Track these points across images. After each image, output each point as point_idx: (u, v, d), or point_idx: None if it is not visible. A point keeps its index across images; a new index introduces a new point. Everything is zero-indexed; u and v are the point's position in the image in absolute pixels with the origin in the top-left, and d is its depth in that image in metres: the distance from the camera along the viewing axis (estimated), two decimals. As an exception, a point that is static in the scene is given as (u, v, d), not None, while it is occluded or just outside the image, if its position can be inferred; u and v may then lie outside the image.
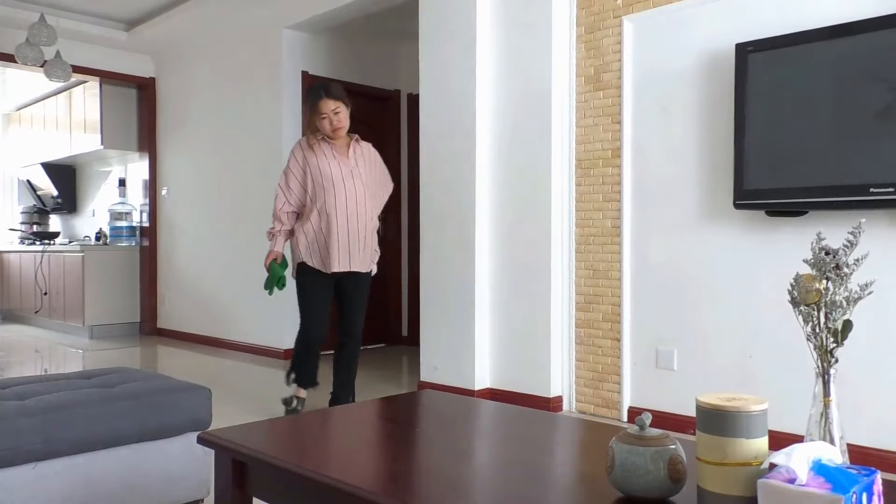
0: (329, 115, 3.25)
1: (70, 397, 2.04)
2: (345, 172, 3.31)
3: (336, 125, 3.27)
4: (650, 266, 3.46)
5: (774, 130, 2.94)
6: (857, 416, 2.74)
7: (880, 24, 2.66)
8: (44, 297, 7.47)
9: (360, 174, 3.36)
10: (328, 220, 3.29)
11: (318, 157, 3.30)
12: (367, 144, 3.49)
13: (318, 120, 3.28)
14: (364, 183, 3.38)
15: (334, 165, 3.30)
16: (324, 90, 3.29)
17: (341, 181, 3.29)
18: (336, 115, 3.26)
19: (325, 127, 3.28)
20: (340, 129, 3.30)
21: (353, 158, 3.37)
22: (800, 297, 1.06)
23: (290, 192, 3.36)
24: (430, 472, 1.29)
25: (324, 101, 3.25)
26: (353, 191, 3.32)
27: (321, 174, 3.28)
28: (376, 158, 3.51)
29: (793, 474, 0.87)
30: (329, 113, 3.25)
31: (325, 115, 3.26)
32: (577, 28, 3.71)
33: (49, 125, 8.06)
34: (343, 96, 3.30)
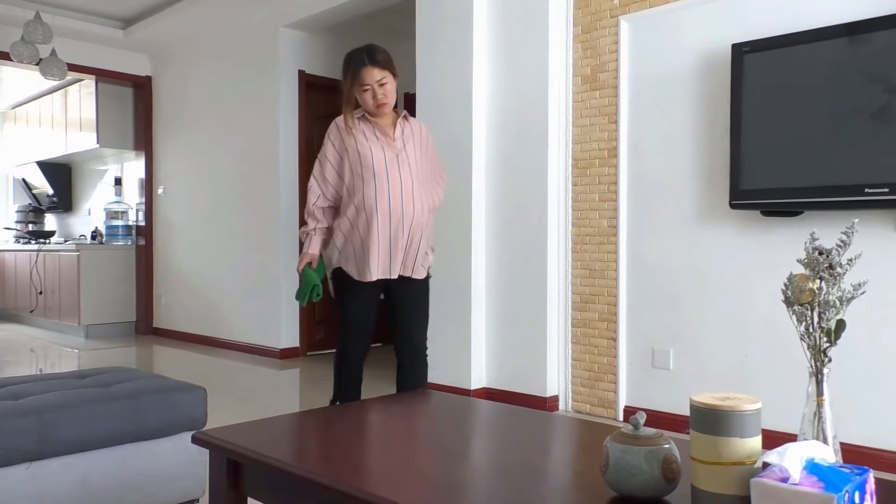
0: (373, 87, 2.59)
1: (65, 397, 2.04)
2: (389, 158, 2.64)
3: (381, 100, 2.61)
4: (646, 265, 3.46)
5: (770, 131, 2.94)
6: (851, 416, 2.75)
7: (876, 26, 2.67)
8: (39, 297, 7.45)
9: (408, 159, 2.68)
10: (367, 218, 2.61)
11: (356, 139, 2.65)
12: (418, 122, 2.82)
13: (358, 92, 2.63)
14: (414, 171, 2.69)
15: (376, 150, 2.64)
16: (367, 55, 2.60)
17: (384, 169, 2.63)
18: (382, 86, 2.60)
19: (368, 101, 2.62)
20: (386, 105, 2.63)
21: (399, 140, 2.68)
22: (793, 297, 1.06)
23: (327, 184, 2.71)
24: (426, 472, 1.29)
25: (367, 70, 2.58)
26: (399, 181, 2.63)
27: (360, 161, 2.62)
28: (429, 140, 2.83)
29: (786, 473, 0.87)
30: (373, 84, 2.59)
31: (367, 86, 2.59)
32: (574, 28, 3.72)
33: (44, 123, 8.04)
34: (390, 64, 2.65)
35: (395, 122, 2.72)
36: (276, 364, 5.43)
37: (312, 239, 2.72)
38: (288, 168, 5.63)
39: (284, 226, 5.62)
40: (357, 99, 2.66)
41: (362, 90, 2.62)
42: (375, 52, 2.63)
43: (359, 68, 2.60)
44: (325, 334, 5.92)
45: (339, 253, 2.71)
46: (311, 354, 5.77)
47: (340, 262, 2.71)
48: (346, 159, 2.67)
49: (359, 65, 2.61)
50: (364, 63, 2.60)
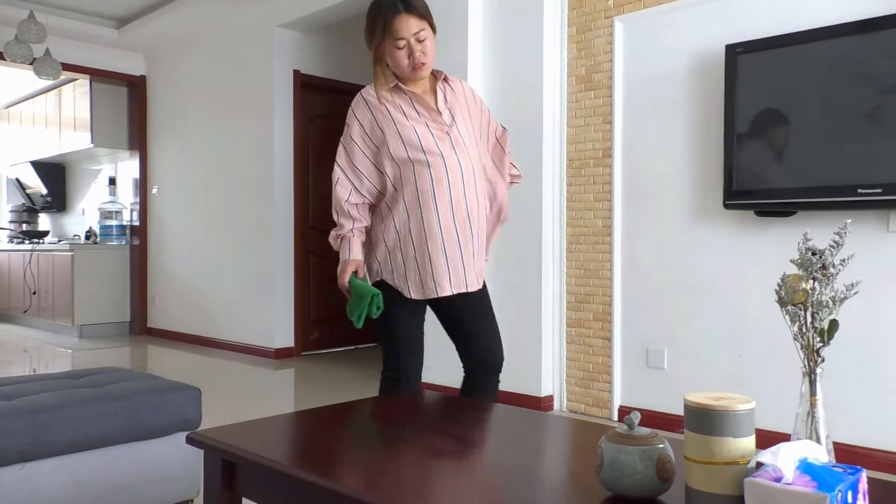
0: (409, 42, 2.01)
1: (59, 397, 2.03)
2: (438, 135, 2.06)
3: (419, 59, 2.02)
4: (641, 266, 3.47)
5: (764, 131, 2.95)
6: (844, 415, 2.77)
7: (869, 27, 2.68)
8: (33, 297, 7.43)
9: (461, 137, 2.10)
10: (425, 219, 2.06)
11: (393, 116, 2.07)
12: (459, 80, 2.22)
13: (389, 51, 2.04)
14: (471, 151, 2.12)
15: (421, 127, 2.06)
16: (402, 3, 2.01)
17: (436, 151, 2.04)
18: (420, 42, 2.02)
19: (402, 62, 2.03)
20: (425, 67, 2.05)
21: (446, 111, 2.10)
22: (787, 297, 1.06)
23: (359, 176, 2.13)
24: (420, 472, 1.29)
25: (402, 19, 1.99)
26: (456, 163, 2.06)
27: (403, 144, 2.05)
28: (476, 101, 2.22)
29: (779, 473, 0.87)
30: (409, 38, 2.00)
31: (402, 40, 2.01)
32: (569, 28, 3.72)
33: (38, 123, 8.01)
34: (429, 14, 2.07)
35: (435, 87, 2.13)
36: (271, 364, 5.42)
37: (351, 242, 2.15)
38: (282, 167, 5.63)
39: (279, 225, 5.62)
40: (387, 60, 2.06)
41: (395, 47, 2.02)
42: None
43: (391, 17, 2.00)
44: (319, 334, 5.92)
45: (379, 265, 2.17)
46: (306, 354, 5.77)
47: (384, 275, 2.16)
48: (382, 144, 2.09)
49: (391, 13, 2.01)
50: (398, 10, 2.00)
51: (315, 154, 5.89)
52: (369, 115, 2.10)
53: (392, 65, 2.06)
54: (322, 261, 5.96)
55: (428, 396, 1.87)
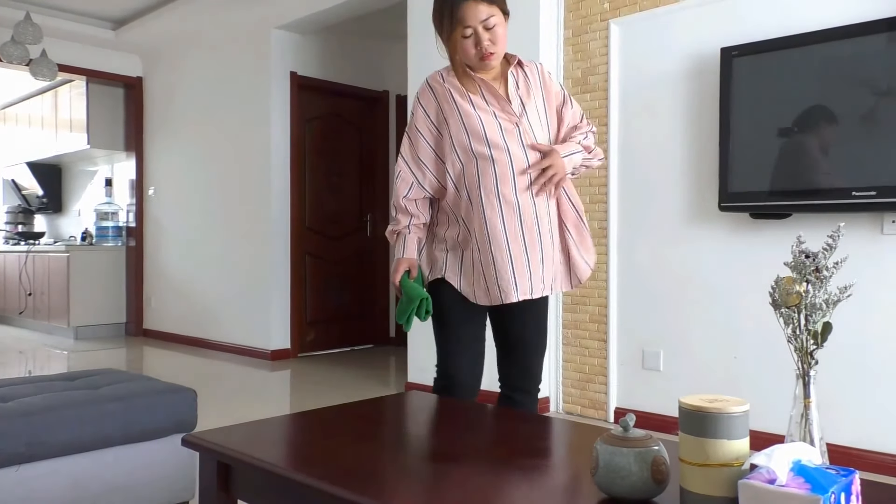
0: (477, 31, 1.88)
1: (54, 399, 2.03)
2: (506, 127, 1.93)
3: (487, 49, 1.89)
4: (637, 267, 3.48)
5: (759, 134, 2.96)
6: (837, 417, 2.77)
7: (863, 30, 2.69)
8: (28, 298, 7.41)
9: (531, 129, 1.96)
10: (488, 218, 1.92)
11: (458, 103, 1.95)
12: (535, 64, 2.07)
13: (457, 40, 1.91)
14: (538, 139, 1.98)
15: (488, 116, 1.94)
16: None
17: (502, 144, 1.92)
18: (489, 30, 1.89)
19: (469, 51, 1.91)
20: (494, 56, 1.92)
21: (516, 100, 1.97)
22: (780, 300, 1.07)
23: (423, 168, 2.01)
24: (415, 474, 1.29)
25: (469, 6, 1.87)
26: (523, 159, 1.93)
27: (467, 134, 1.93)
28: (552, 83, 2.07)
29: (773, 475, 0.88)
30: (477, 27, 1.88)
31: (469, 28, 1.88)
32: (565, 31, 3.73)
33: (34, 124, 8.00)
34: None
35: (506, 73, 1.99)
36: (267, 365, 5.42)
37: (406, 239, 2.02)
38: (279, 169, 5.63)
39: (276, 226, 5.61)
40: (455, 49, 1.94)
41: (462, 36, 1.89)
42: None
43: (457, 4, 1.88)
44: (316, 335, 5.92)
45: (442, 261, 2.02)
46: (303, 356, 5.76)
47: (446, 274, 2.00)
48: (446, 133, 1.96)
49: (456, 0, 1.88)
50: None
51: (312, 155, 5.89)
52: (434, 102, 1.99)
53: (460, 54, 1.93)
54: (318, 262, 5.96)
55: (424, 398, 1.87)
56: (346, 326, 6.13)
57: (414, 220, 2.02)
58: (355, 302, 6.19)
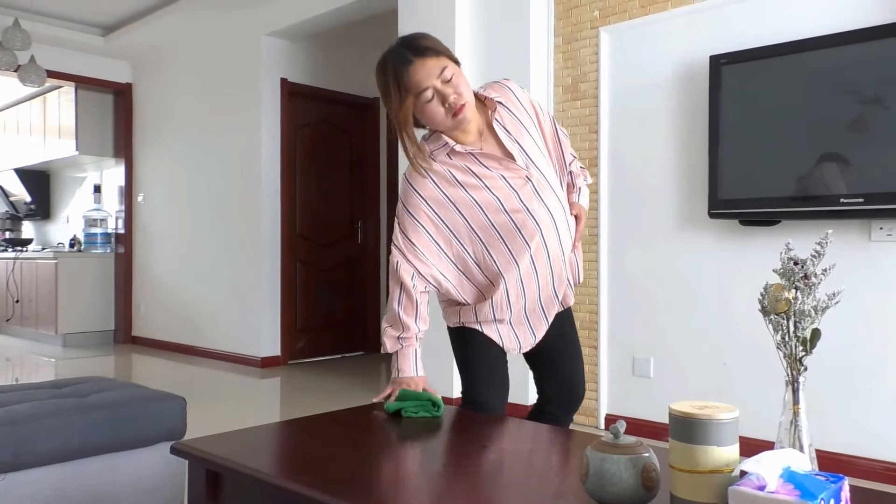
0: (437, 88, 1.65)
1: (41, 407, 2.01)
2: (518, 185, 1.73)
3: (455, 102, 1.66)
4: (627, 274, 3.49)
5: (748, 141, 2.98)
6: (827, 424, 2.79)
7: (851, 39, 2.72)
8: (15, 305, 7.35)
9: (541, 174, 1.76)
10: (517, 286, 1.77)
11: (461, 180, 1.73)
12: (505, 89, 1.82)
13: (419, 109, 1.68)
14: (554, 185, 1.79)
15: (497, 183, 1.73)
16: (408, 47, 1.67)
17: (520, 206, 1.72)
18: (447, 83, 1.66)
19: (437, 115, 1.68)
20: (466, 107, 1.68)
21: (514, 147, 1.75)
22: (769, 307, 1.07)
23: (420, 258, 1.76)
24: (405, 481, 1.28)
25: (416, 68, 1.64)
26: (546, 214, 1.75)
27: (481, 210, 1.73)
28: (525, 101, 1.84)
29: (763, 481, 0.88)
30: (434, 85, 1.65)
31: (427, 90, 1.65)
32: (555, 38, 3.75)
33: (23, 130, 7.95)
34: (442, 48, 1.70)
35: (489, 122, 1.77)
36: (257, 373, 5.39)
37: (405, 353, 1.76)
38: (270, 176, 5.61)
39: (266, 233, 5.60)
40: (419, 119, 1.72)
41: (421, 102, 1.66)
42: (418, 40, 1.68)
43: (402, 71, 1.64)
44: (306, 343, 5.90)
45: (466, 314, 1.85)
46: (293, 363, 5.74)
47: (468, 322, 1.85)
48: (455, 216, 1.74)
49: (401, 65, 1.65)
50: (408, 60, 1.64)
51: (302, 162, 5.88)
52: (430, 184, 1.74)
53: (429, 122, 1.71)
54: (309, 269, 5.94)
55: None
56: (336, 333, 6.11)
57: (409, 332, 1.76)
58: (346, 309, 6.17)
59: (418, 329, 1.76)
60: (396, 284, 1.76)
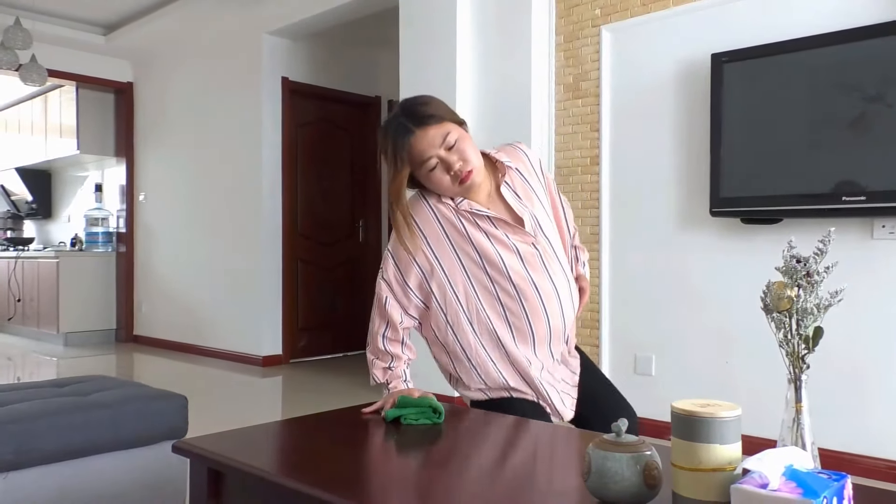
0: (440, 156, 1.61)
1: (42, 406, 2.01)
2: (524, 250, 1.67)
3: (461, 170, 1.61)
4: (628, 273, 3.48)
5: (750, 139, 2.98)
6: (829, 422, 2.78)
7: (853, 36, 2.71)
8: (17, 304, 7.35)
9: (549, 244, 1.71)
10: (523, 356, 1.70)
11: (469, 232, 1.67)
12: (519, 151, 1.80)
13: (423, 177, 1.65)
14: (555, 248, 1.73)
15: (503, 245, 1.66)
16: (408, 117, 1.62)
17: (525, 275, 1.66)
18: (450, 150, 1.61)
19: (443, 183, 1.64)
20: (475, 172, 1.63)
21: (525, 212, 1.70)
22: (772, 304, 1.07)
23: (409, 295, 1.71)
24: (407, 480, 1.28)
25: (417, 138, 1.60)
26: (550, 287, 1.68)
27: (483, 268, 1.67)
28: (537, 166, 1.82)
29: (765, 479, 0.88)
30: (437, 153, 1.61)
31: (431, 160, 1.61)
32: (557, 37, 3.74)
33: (24, 129, 7.95)
34: (447, 111, 1.66)
35: (499, 184, 1.71)
36: (259, 372, 5.40)
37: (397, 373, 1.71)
38: (271, 175, 5.62)
39: (267, 232, 5.60)
40: (426, 185, 1.67)
41: (425, 170, 1.62)
42: (419, 107, 1.63)
43: (404, 142, 1.60)
44: (307, 342, 5.90)
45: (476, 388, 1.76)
46: (294, 362, 5.74)
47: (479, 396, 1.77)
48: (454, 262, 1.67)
49: (400, 136, 1.61)
50: (409, 131, 1.60)
51: (304, 161, 5.88)
52: (435, 224, 1.67)
53: (436, 189, 1.65)
54: (310, 268, 5.94)
55: (416, 404, 1.86)
56: (338, 332, 6.11)
57: (398, 361, 1.72)
58: (347, 308, 6.17)
59: (406, 357, 1.72)
60: (382, 319, 1.71)
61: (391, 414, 1.55)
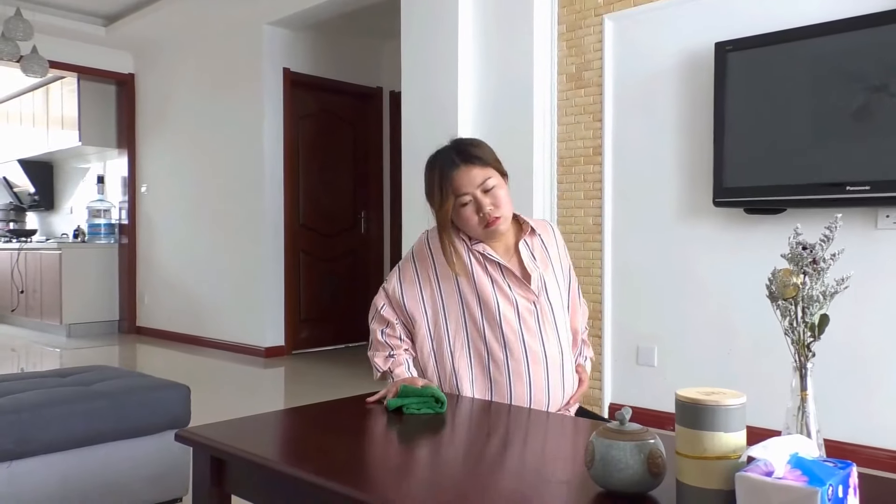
0: (476, 196, 1.69)
1: (45, 396, 2.01)
2: (523, 307, 1.71)
3: (490, 214, 1.68)
4: (631, 263, 3.48)
5: (753, 129, 2.96)
6: (833, 412, 2.78)
7: (857, 24, 2.70)
8: (20, 296, 7.37)
9: (551, 308, 1.74)
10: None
11: (475, 274, 1.72)
12: (549, 227, 1.88)
13: (456, 210, 1.71)
14: (561, 327, 1.75)
15: (504, 295, 1.71)
16: (457, 153, 1.72)
17: (515, 325, 1.69)
18: (487, 193, 1.69)
19: (471, 220, 1.70)
20: (501, 220, 1.70)
21: (535, 272, 1.74)
22: (777, 292, 1.06)
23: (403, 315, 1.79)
24: (408, 469, 1.28)
25: (461, 173, 1.69)
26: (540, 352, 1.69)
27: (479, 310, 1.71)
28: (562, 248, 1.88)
29: (770, 467, 0.87)
30: (475, 192, 1.68)
31: (466, 195, 1.68)
32: (559, 26, 3.72)
33: (26, 121, 7.95)
34: (494, 159, 1.75)
35: (518, 242, 1.77)
36: (261, 363, 5.40)
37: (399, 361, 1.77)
38: (273, 166, 5.61)
39: (269, 223, 5.60)
40: (454, 219, 1.72)
41: (459, 205, 1.69)
42: (468, 147, 1.73)
43: (448, 174, 1.69)
44: (310, 333, 5.90)
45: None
46: (297, 353, 5.75)
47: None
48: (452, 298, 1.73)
49: (447, 168, 1.69)
50: (455, 164, 1.69)
51: (305, 152, 5.87)
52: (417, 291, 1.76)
53: (462, 225, 1.72)
54: (313, 259, 5.94)
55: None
56: (340, 324, 6.11)
57: (398, 349, 1.78)
58: (350, 299, 6.17)
59: (406, 347, 1.78)
60: (380, 322, 1.80)
61: (393, 403, 1.55)
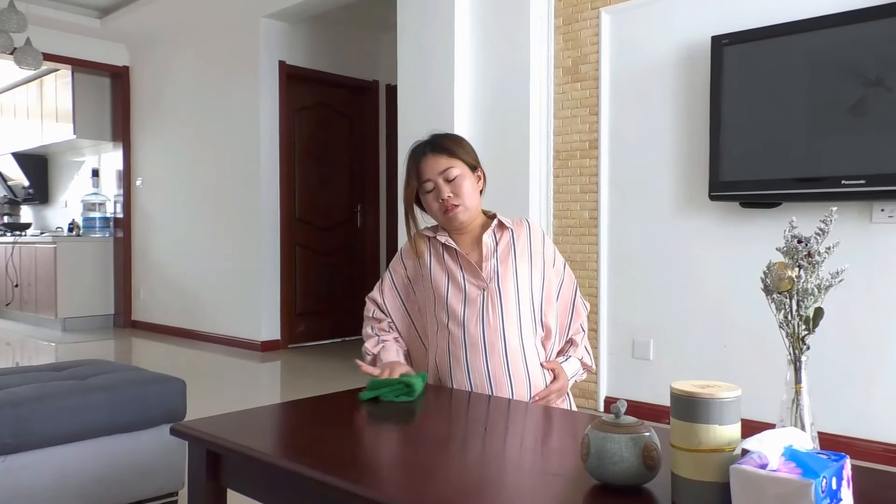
0: (437, 183, 1.79)
1: (41, 389, 2.01)
2: (470, 293, 1.78)
3: (449, 201, 1.78)
4: (627, 257, 3.48)
5: (749, 123, 2.96)
6: (827, 405, 2.79)
7: (853, 18, 2.70)
8: (15, 290, 7.35)
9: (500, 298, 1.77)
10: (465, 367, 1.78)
11: (431, 265, 1.85)
12: (524, 223, 1.91)
13: (422, 197, 1.84)
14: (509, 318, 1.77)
15: (453, 285, 1.80)
16: (429, 144, 1.84)
17: (459, 316, 1.77)
18: (449, 182, 1.78)
19: (432, 205, 1.82)
20: (458, 209, 1.79)
21: (491, 260, 1.79)
22: (772, 285, 1.07)
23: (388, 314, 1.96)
24: (404, 462, 1.28)
25: (427, 161, 1.80)
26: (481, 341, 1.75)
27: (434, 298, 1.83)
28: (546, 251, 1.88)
29: (764, 460, 0.88)
30: (436, 179, 1.79)
31: (429, 182, 1.79)
32: (556, 19, 3.72)
33: (20, 114, 7.91)
34: (463, 150, 1.84)
35: (483, 234, 1.84)
36: (257, 357, 5.40)
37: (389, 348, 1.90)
38: (269, 159, 5.59)
39: (265, 217, 5.58)
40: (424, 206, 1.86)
41: (424, 191, 1.81)
42: (442, 139, 1.85)
43: (418, 160, 1.82)
44: (306, 327, 5.90)
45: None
46: (293, 347, 5.75)
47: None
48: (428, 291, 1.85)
49: (416, 155, 1.83)
50: (423, 153, 1.82)
51: (302, 146, 5.86)
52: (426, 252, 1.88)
53: (428, 212, 1.86)
54: (309, 253, 5.93)
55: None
56: (336, 317, 6.11)
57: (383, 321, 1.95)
58: (346, 293, 6.17)
59: (396, 336, 1.93)
60: (371, 321, 1.99)
61: (365, 396, 1.60)
